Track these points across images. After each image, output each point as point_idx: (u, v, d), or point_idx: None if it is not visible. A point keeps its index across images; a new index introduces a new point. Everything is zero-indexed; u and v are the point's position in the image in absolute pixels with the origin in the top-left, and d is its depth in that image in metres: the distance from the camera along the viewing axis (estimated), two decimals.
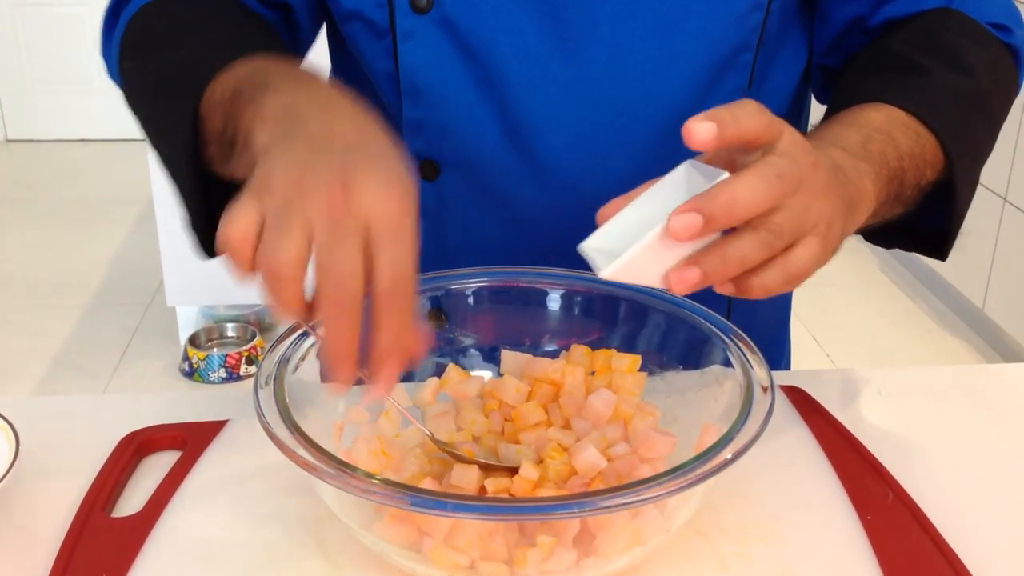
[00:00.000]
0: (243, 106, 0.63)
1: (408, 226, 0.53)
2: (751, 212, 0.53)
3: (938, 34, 0.80)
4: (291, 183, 0.53)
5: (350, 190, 0.52)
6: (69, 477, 0.70)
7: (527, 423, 0.68)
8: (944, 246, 0.80)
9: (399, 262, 0.52)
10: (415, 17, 0.78)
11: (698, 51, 0.80)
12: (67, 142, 4.54)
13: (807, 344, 2.88)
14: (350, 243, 0.51)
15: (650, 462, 0.65)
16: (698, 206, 0.53)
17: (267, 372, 0.64)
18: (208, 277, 2.72)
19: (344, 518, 0.61)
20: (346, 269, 0.51)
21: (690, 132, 0.53)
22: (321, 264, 0.51)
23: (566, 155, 0.82)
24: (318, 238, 0.51)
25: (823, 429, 0.76)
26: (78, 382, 2.69)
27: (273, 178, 0.53)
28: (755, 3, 0.79)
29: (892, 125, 0.71)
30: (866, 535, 0.65)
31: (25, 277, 3.29)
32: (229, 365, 2.67)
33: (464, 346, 0.77)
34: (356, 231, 0.51)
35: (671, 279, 0.55)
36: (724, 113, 0.54)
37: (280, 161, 0.54)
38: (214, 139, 0.67)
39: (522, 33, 0.79)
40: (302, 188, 0.52)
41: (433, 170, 0.84)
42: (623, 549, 0.58)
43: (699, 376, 0.71)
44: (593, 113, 0.81)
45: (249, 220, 0.53)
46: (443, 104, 0.81)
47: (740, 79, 0.82)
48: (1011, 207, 2.68)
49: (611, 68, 0.80)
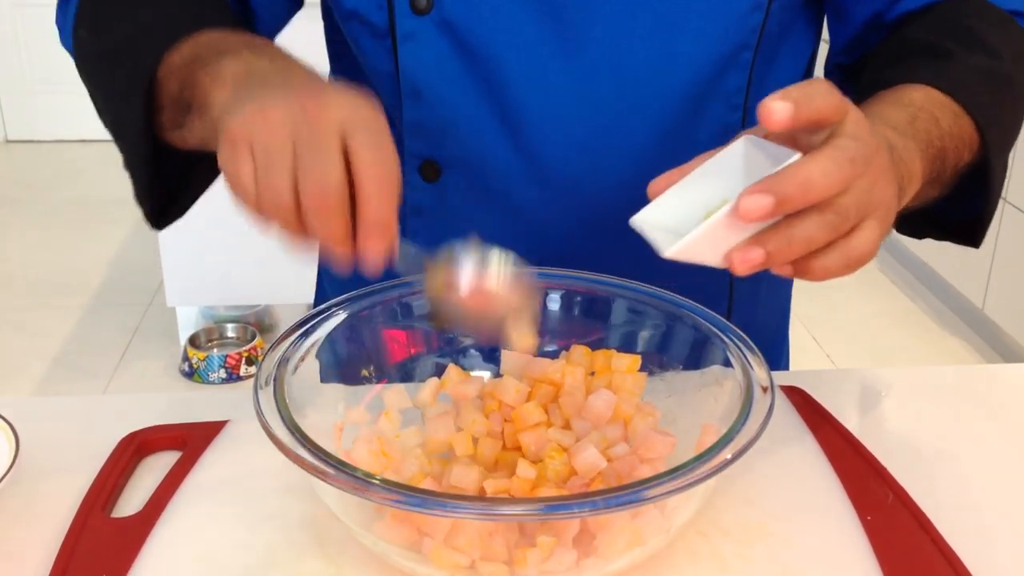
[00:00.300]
0: (200, 70, 0.65)
1: (381, 121, 0.56)
2: (825, 194, 0.53)
3: (958, 20, 0.80)
4: (261, 117, 0.56)
5: (317, 100, 0.56)
6: (69, 477, 0.70)
7: (527, 424, 0.68)
8: (977, 233, 0.80)
9: (376, 145, 0.55)
10: (415, 18, 0.78)
11: (698, 51, 0.80)
12: (67, 142, 4.54)
13: (807, 344, 2.88)
14: (326, 144, 0.54)
15: (650, 462, 0.65)
16: (771, 187, 0.52)
17: (267, 372, 0.64)
18: (208, 277, 2.73)
19: (344, 519, 0.61)
20: (325, 168, 0.54)
21: (769, 111, 0.53)
22: (301, 170, 0.54)
23: (567, 155, 0.82)
24: (297, 152, 0.54)
25: (823, 429, 0.76)
26: (78, 382, 2.69)
27: (245, 122, 0.56)
28: (755, 3, 0.79)
29: (932, 104, 0.71)
30: (866, 535, 0.65)
31: (25, 277, 3.29)
32: (229, 365, 2.67)
33: (464, 346, 0.77)
34: (330, 133, 0.55)
35: (734, 259, 0.54)
36: (798, 92, 0.53)
37: (244, 109, 0.57)
38: (168, 104, 0.68)
39: (522, 33, 0.79)
40: (269, 120, 0.55)
41: (434, 171, 0.84)
42: (623, 549, 0.58)
43: (699, 376, 0.71)
44: (593, 113, 0.81)
45: (248, 172, 0.56)
46: (443, 105, 0.81)
47: (740, 78, 0.82)
48: (1011, 207, 2.68)
49: (611, 68, 0.80)
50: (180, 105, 0.67)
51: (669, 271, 0.75)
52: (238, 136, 0.56)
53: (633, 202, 0.83)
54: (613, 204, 0.83)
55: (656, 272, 0.74)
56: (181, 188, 0.79)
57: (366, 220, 0.56)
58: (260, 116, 0.56)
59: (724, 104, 0.82)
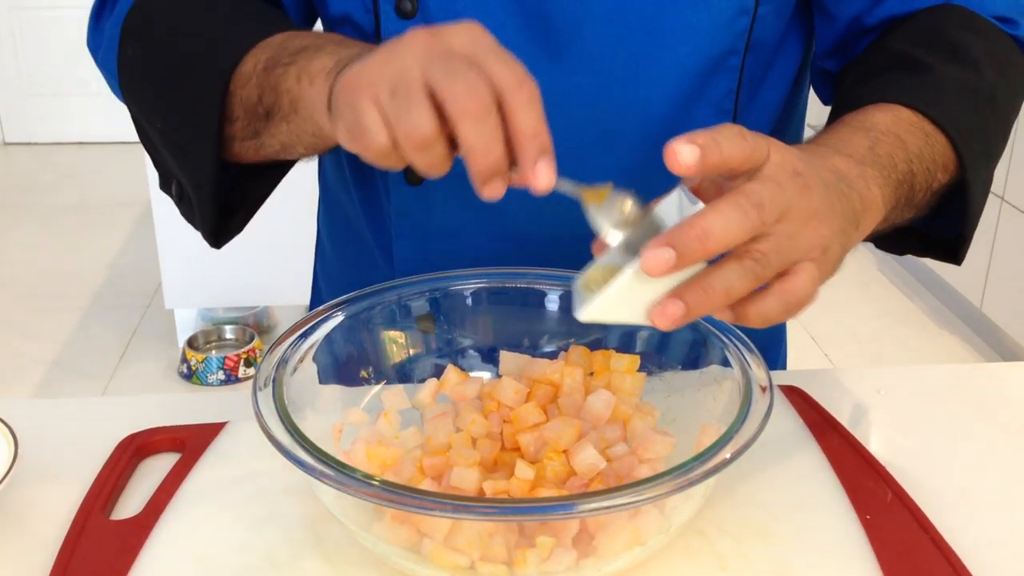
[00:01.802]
0: (284, 72, 0.63)
1: (496, 44, 0.54)
2: (726, 244, 0.52)
3: (938, 30, 0.79)
4: (378, 64, 0.53)
5: (431, 32, 0.53)
6: (68, 479, 0.70)
7: (526, 424, 0.68)
8: (959, 250, 0.79)
9: (507, 60, 0.53)
10: (400, 22, 0.78)
11: (684, 56, 0.79)
12: (65, 145, 4.54)
13: (805, 344, 2.88)
14: (459, 60, 0.52)
15: (649, 462, 0.65)
16: (670, 239, 0.51)
17: (266, 374, 0.64)
18: (206, 279, 2.73)
19: (343, 520, 0.61)
20: (469, 76, 0.51)
21: (673, 154, 0.52)
22: (444, 89, 0.51)
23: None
24: (430, 76, 0.52)
25: (822, 429, 0.76)
26: (77, 385, 2.69)
27: (361, 72, 0.54)
28: (741, 8, 0.78)
29: (899, 126, 0.70)
30: (865, 534, 0.65)
31: (24, 280, 3.29)
32: (228, 367, 2.67)
33: (463, 347, 0.77)
34: (461, 55, 0.52)
35: (654, 315, 0.53)
36: (705, 137, 0.52)
37: (354, 66, 0.54)
38: (243, 114, 0.66)
39: (507, 38, 0.78)
40: (394, 60, 0.53)
41: (417, 176, 0.84)
42: (622, 549, 0.58)
43: (698, 376, 0.71)
44: (578, 118, 0.80)
45: (375, 117, 0.53)
46: None
47: (728, 82, 0.81)
48: (1008, 206, 2.68)
49: (596, 73, 0.79)
50: (258, 113, 0.65)
51: None
52: (356, 86, 0.53)
53: None
54: None
55: None
56: (239, 204, 0.77)
57: (523, 131, 0.53)
58: (375, 64, 0.53)
59: (713, 109, 0.82)
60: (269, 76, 0.64)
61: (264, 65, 0.65)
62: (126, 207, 3.77)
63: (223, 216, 0.76)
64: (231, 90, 0.67)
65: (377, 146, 0.53)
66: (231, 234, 0.79)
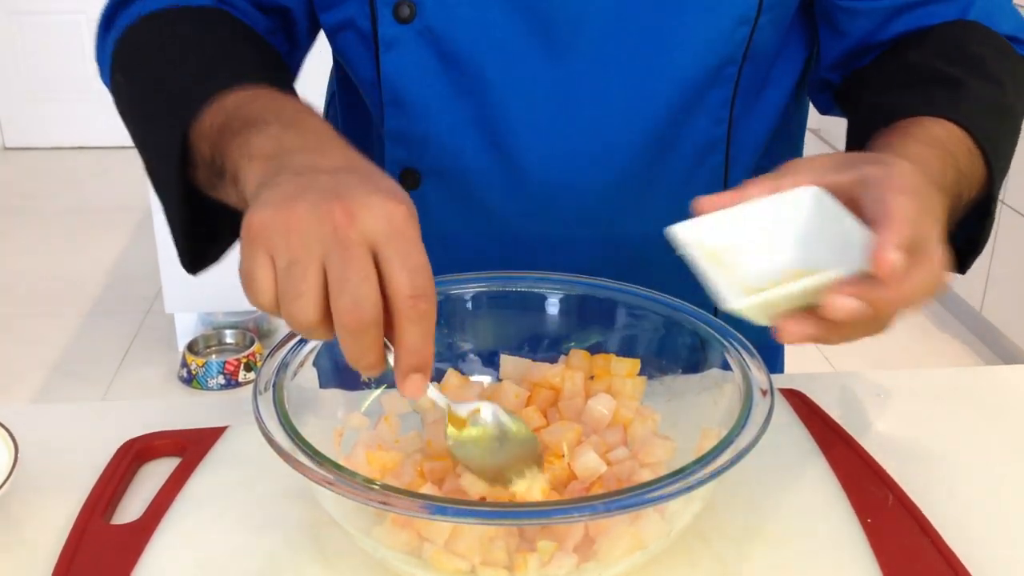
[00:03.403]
0: (230, 140, 0.62)
1: (413, 230, 0.53)
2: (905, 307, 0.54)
3: (961, 45, 0.79)
4: (285, 223, 0.52)
5: (346, 209, 0.52)
6: (68, 484, 0.70)
7: None
8: (967, 260, 0.79)
9: (412, 267, 0.52)
10: (398, 26, 0.78)
11: (683, 64, 0.79)
12: (65, 150, 4.54)
13: (805, 347, 2.87)
14: (357, 262, 0.51)
15: (650, 466, 0.65)
16: (867, 295, 0.53)
17: (266, 378, 0.64)
18: (206, 284, 2.72)
19: (344, 524, 0.61)
20: (358, 291, 0.51)
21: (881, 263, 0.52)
22: (333, 291, 0.51)
23: (547, 165, 0.81)
24: (327, 266, 0.51)
25: (822, 432, 0.76)
26: (77, 390, 2.69)
27: (268, 223, 0.53)
28: (742, 18, 0.78)
29: (953, 144, 0.70)
30: (866, 537, 0.65)
31: (24, 285, 3.29)
32: (228, 372, 2.67)
33: (463, 351, 0.77)
34: (361, 247, 0.51)
35: (788, 329, 0.55)
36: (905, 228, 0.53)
37: (271, 202, 0.54)
38: (202, 165, 0.67)
39: (505, 42, 0.78)
40: (294, 229, 0.52)
41: (414, 179, 0.84)
42: (624, 553, 0.58)
43: (698, 380, 0.71)
44: (576, 123, 0.80)
45: (267, 277, 0.53)
46: (424, 113, 0.81)
47: (725, 92, 0.81)
48: (1008, 209, 2.68)
49: (595, 79, 0.79)
50: (213, 169, 0.65)
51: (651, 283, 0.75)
52: (259, 238, 0.53)
53: (613, 214, 0.83)
54: (594, 216, 0.83)
55: (638, 283, 0.74)
56: (220, 228, 0.77)
57: (403, 345, 0.53)
58: (283, 221, 0.52)
59: (708, 117, 0.82)
60: (220, 139, 0.64)
61: (218, 127, 0.65)
62: (126, 211, 3.77)
63: (198, 244, 0.76)
64: (191, 141, 0.67)
65: (261, 305, 0.54)
66: (208, 263, 0.78)
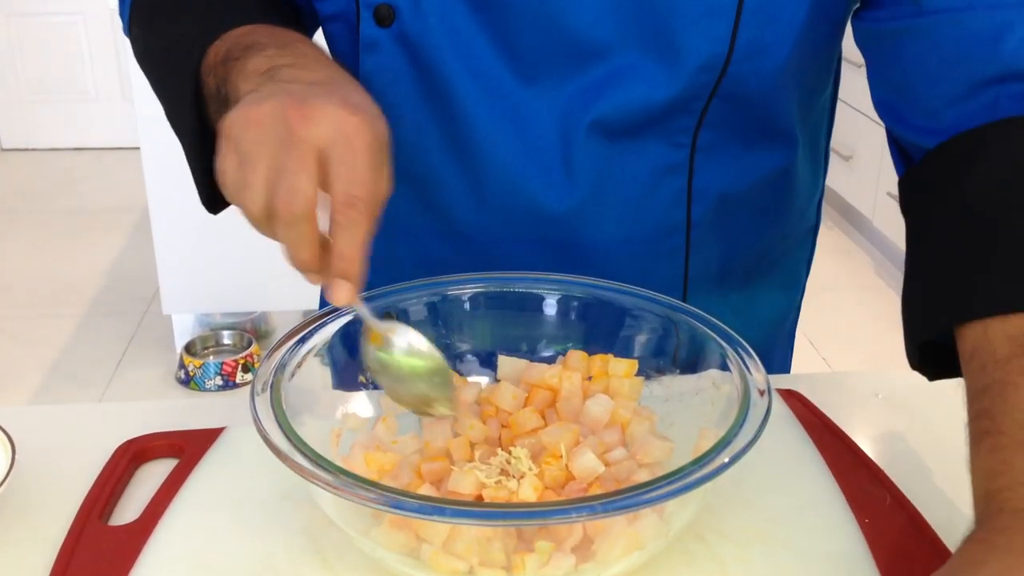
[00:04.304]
0: (231, 67, 0.67)
1: (361, 141, 0.57)
2: None
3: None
4: (247, 120, 0.58)
5: (302, 111, 0.56)
6: (66, 486, 0.70)
7: (524, 429, 0.68)
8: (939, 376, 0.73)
9: (349, 175, 0.56)
10: (377, 30, 0.78)
11: (641, 94, 0.77)
12: (62, 151, 4.53)
13: (803, 348, 2.88)
14: (299, 156, 0.55)
15: (648, 467, 0.65)
16: None
17: (264, 379, 0.64)
18: (204, 285, 2.72)
19: (342, 525, 0.61)
20: (293, 181, 0.55)
21: None
22: (271, 181, 0.56)
23: (509, 174, 0.81)
24: (272, 161, 0.56)
25: (820, 433, 0.76)
26: (74, 391, 2.69)
27: (236, 120, 0.58)
28: (705, 65, 0.75)
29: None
30: (864, 538, 0.65)
31: (21, 286, 3.29)
32: (225, 373, 2.66)
33: (461, 352, 0.77)
34: (306, 144, 0.56)
35: None
36: None
37: (244, 104, 0.59)
38: (211, 100, 0.70)
39: (473, 57, 0.78)
40: (252, 120, 0.57)
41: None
42: (622, 554, 0.58)
43: (696, 380, 0.71)
44: (539, 136, 0.80)
45: (231, 170, 0.58)
46: (398, 116, 0.80)
47: (687, 121, 0.79)
48: None
49: (556, 100, 0.78)
50: (219, 100, 0.69)
51: None
52: (228, 132, 0.58)
53: (572, 224, 0.82)
54: (553, 225, 0.83)
55: None
56: None
57: (335, 250, 0.57)
58: (246, 115, 0.58)
59: (667, 142, 0.80)
60: (224, 67, 0.68)
61: (222, 57, 0.69)
62: (124, 213, 3.77)
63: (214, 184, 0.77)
64: (202, 78, 0.71)
65: (229, 198, 0.60)
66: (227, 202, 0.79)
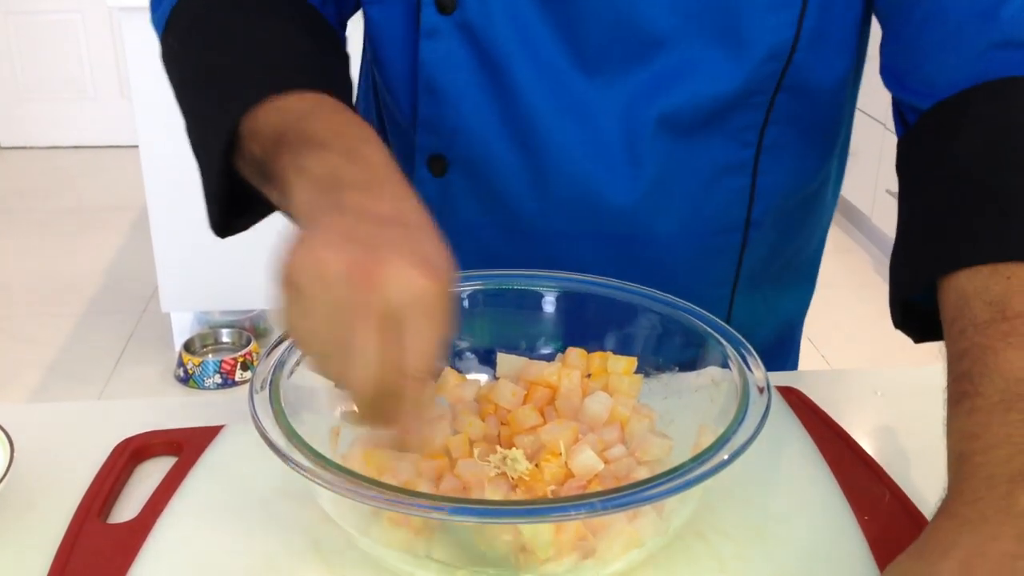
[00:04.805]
0: (284, 153, 0.62)
1: (438, 310, 0.54)
2: None
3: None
4: (317, 269, 0.53)
5: (374, 275, 0.52)
6: (64, 484, 0.70)
7: (523, 427, 0.68)
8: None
9: (419, 349, 0.53)
10: (439, 17, 0.79)
11: (706, 90, 0.79)
12: (60, 149, 4.53)
13: (803, 345, 2.87)
14: (364, 338, 0.52)
15: (647, 464, 0.65)
16: None
17: (262, 377, 0.64)
18: (203, 283, 2.72)
19: (341, 523, 0.61)
20: (366, 368, 0.52)
21: None
22: (345, 352, 0.52)
23: (571, 166, 0.82)
24: (339, 331, 0.52)
25: (820, 430, 0.76)
26: (73, 389, 2.69)
27: (302, 266, 0.54)
28: (771, 54, 0.77)
29: None
30: (863, 535, 0.65)
31: (19, 285, 3.29)
32: (224, 371, 2.66)
33: (460, 349, 0.77)
34: (374, 322, 0.52)
35: None
36: None
37: (311, 244, 0.55)
38: (250, 161, 0.67)
39: (538, 49, 0.79)
40: (321, 274, 0.53)
41: (440, 166, 0.85)
42: (621, 551, 0.58)
43: (695, 378, 0.71)
44: (603, 129, 0.80)
45: (294, 312, 0.55)
46: (457, 104, 0.82)
47: (752, 117, 0.81)
48: None
49: (620, 94, 0.79)
50: (261, 171, 0.65)
51: (669, 283, 0.75)
52: (291, 278, 0.55)
53: (633, 216, 0.83)
54: (614, 219, 0.83)
55: (655, 285, 0.74)
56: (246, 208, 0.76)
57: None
58: (313, 264, 0.53)
59: (733, 140, 0.82)
60: (274, 148, 0.64)
61: (272, 135, 0.65)
62: (122, 211, 3.77)
63: (228, 214, 0.75)
64: (240, 132, 0.67)
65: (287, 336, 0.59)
66: (238, 230, 0.77)
